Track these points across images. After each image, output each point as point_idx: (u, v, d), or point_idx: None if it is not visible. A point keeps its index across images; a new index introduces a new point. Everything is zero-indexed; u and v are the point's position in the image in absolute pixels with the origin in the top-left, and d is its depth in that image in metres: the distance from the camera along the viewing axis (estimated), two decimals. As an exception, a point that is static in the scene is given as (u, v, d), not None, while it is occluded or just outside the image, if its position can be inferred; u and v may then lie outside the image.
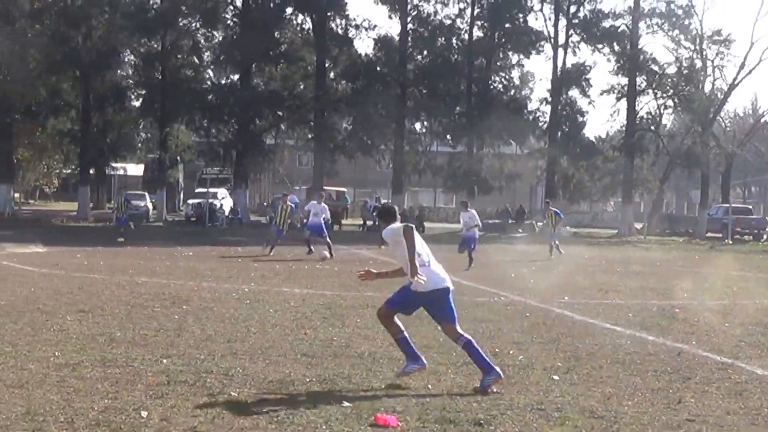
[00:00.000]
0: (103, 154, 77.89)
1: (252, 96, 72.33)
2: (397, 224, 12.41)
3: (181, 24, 74.99)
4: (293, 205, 37.77)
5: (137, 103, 79.61)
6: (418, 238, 12.27)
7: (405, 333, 12.29)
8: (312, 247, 35.82)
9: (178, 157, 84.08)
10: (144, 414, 9.64)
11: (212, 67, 78.94)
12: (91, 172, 77.61)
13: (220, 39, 76.42)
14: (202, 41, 77.92)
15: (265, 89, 75.92)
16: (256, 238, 41.68)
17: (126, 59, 79.36)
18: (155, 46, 76.12)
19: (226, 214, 71.37)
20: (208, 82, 78.29)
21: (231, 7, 75.58)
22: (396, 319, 12.31)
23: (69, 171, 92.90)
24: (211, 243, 44.99)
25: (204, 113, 74.50)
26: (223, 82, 77.83)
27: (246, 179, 74.71)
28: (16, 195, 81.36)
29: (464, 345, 12.12)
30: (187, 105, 73.07)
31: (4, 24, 68.33)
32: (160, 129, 76.83)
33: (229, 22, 75.69)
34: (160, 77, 74.76)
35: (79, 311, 17.64)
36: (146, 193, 79.12)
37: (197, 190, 79.96)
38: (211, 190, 72.07)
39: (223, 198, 75.46)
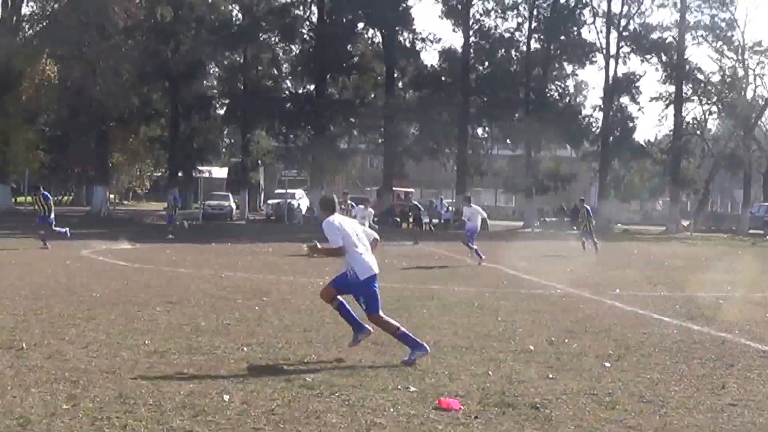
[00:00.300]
0: (190, 158, 78.40)
1: (327, 104, 72.67)
2: (333, 218, 12.73)
3: (261, 38, 75.32)
4: (354, 204, 37.43)
5: (221, 111, 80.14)
6: (356, 229, 12.86)
7: (402, 329, 12.40)
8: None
9: (259, 161, 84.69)
10: (226, 398, 9.68)
11: (290, 77, 79.37)
12: (180, 174, 78.07)
13: (298, 52, 76.77)
14: (281, 54, 78.37)
15: (338, 98, 76.14)
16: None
17: (211, 71, 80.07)
18: (237, 58, 76.63)
19: (304, 212, 71.63)
20: (287, 92, 78.60)
21: (307, 23, 75.85)
22: (384, 316, 12.45)
23: (159, 174, 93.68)
24: (289, 240, 45.06)
25: (282, 120, 74.80)
26: (300, 91, 78.13)
27: (321, 181, 74.82)
28: (111, 196, 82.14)
29: (338, 306, 12.66)
30: (267, 113, 73.44)
31: (101, 40, 69.02)
32: (242, 135, 77.45)
33: (305, 36, 75.97)
34: (242, 87, 75.30)
35: (167, 303, 17.75)
36: (230, 194, 79.57)
37: (277, 191, 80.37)
38: (290, 190, 72.41)
39: (300, 198, 75.79)
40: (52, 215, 34.76)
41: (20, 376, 10.60)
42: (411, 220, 53.47)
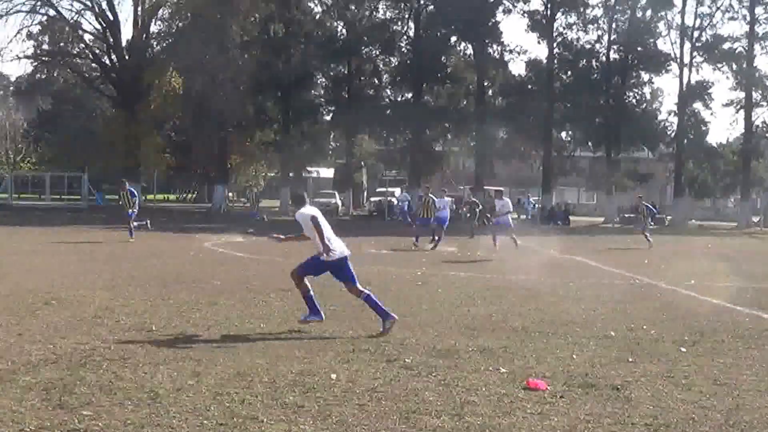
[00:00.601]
0: (300, 160, 78.92)
1: (423, 111, 72.63)
2: (306, 211, 13.60)
3: (363, 51, 75.49)
4: (434, 197, 36.98)
5: (328, 117, 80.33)
6: (323, 220, 13.56)
7: (312, 292, 13.47)
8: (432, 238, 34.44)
9: (362, 162, 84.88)
10: (333, 376, 9.74)
11: (390, 86, 79.23)
12: (290, 174, 78.62)
13: (396, 63, 76.78)
14: (381, 65, 78.31)
15: (434, 105, 75.97)
16: (426, 229, 41.49)
17: (318, 81, 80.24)
18: (342, 70, 76.82)
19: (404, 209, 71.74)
20: (387, 99, 78.50)
21: (405, 37, 75.94)
22: (306, 280, 13.48)
23: (272, 174, 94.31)
24: (389, 234, 45.12)
25: (383, 125, 75.04)
26: (399, 99, 78.04)
27: (418, 180, 74.77)
28: (230, 194, 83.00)
29: (365, 299, 13.34)
30: (369, 118, 73.65)
31: (220, 54, 69.79)
32: (347, 138, 77.64)
33: (403, 49, 75.99)
34: (346, 96, 75.42)
35: (280, 290, 17.85)
36: (336, 192, 79.89)
37: (378, 189, 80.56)
38: (390, 189, 72.56)
39: (399, 196, 75.93)
40: (135, 209, 34.21)
41: (150, 355, 10.78)
42: (468, 215, 52.87)
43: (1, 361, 10.25)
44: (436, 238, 33.80)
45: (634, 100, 75.91)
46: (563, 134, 79.12)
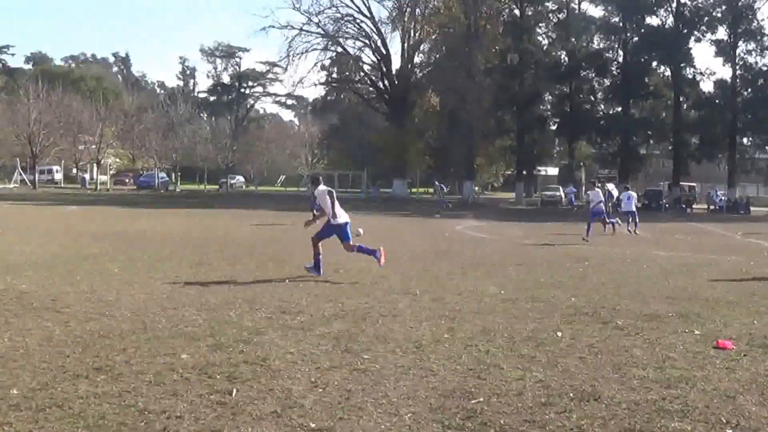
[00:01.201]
0: (531, 161, 78.75)
1: (630, 121, 71.61)
2: (322, 188, 14.96)
3: (581, 75, 74.68)
4: (610, 189, 35.38)
5: (553, 127, 79.80)
6: (333, 196, 14.75)
7: (320, 256, 14.79)
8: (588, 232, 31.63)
9: (581, 162, 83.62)
10: (559, 334, 9.59)
11: (603, 102, 77.88)
12: (524, 172, 78.53)
13: (608, 84, 75.67)
14: (596, 85, 77.11)
15: (638, 116, 74.24)
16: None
17: (546, 98, 79.78)
18: (565, 89, 75.98)
19: (614, 200, 70.03)
20: (600, 113, 77.13)
21: (615, 62, 74.82)
22: (320, 245, 14.86)
23: (509, 172, 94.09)
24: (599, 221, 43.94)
25: (598, 133, 74.24)
26: (610, 112, 76.64)
27: (627, 177, 72.98)
28: (476, 188, 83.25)
29: (358, 249, 14.97)
30: (586, 128, 73.29)
31: (468, 78, 70.30)
32: (568, 144, 76.99)
33: (613, 72, 74.71)
34: (568, 110, 74.74)
35: (516, 264, 17.79)
36: (560, 187, 78.87)
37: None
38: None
39: (611, 190, 74.16)
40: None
41: (415, 314, 10.93)
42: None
43: (302, 315, 10.66)
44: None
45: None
46: (745, 140, 75.92)
